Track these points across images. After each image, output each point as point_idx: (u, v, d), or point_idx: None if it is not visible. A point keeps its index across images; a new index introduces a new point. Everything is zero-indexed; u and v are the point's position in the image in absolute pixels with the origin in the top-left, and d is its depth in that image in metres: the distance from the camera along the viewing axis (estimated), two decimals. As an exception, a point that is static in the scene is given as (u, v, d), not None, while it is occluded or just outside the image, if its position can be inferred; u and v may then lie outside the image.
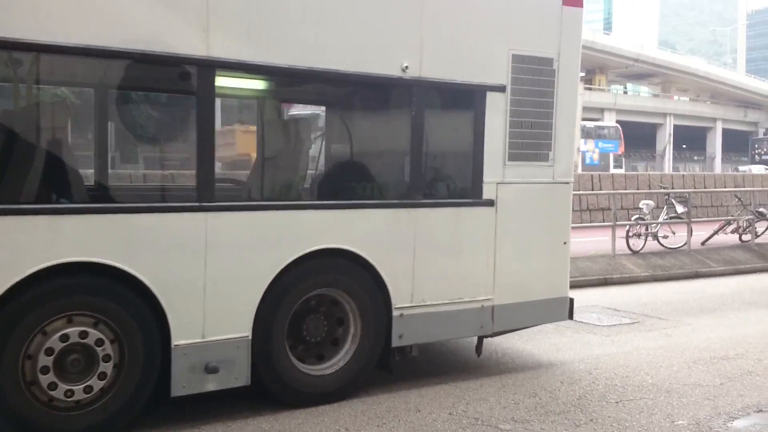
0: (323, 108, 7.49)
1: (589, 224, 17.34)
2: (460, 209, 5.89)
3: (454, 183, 6.14)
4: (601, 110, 60.23)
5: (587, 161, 45.15)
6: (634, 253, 13.15)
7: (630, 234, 13.55)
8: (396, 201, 5.76)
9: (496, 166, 5.90)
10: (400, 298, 5.57)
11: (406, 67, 5.44)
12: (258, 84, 6.32)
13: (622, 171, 43.34)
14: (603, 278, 11.60)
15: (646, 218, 14.20)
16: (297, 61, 5.07)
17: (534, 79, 6.01)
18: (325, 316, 5.45)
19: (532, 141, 6.05)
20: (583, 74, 68.63)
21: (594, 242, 13.71)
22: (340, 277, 5.39)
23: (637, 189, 20.09)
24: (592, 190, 19.55)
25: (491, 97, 5.83)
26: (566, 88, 6.19)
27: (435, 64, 5.58)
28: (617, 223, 13.24)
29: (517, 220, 6.06)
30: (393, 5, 5.47)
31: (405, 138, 5.65)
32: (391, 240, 5.53)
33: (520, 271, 6.13)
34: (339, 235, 5.32)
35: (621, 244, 13.05)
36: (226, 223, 4.89)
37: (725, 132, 75.24)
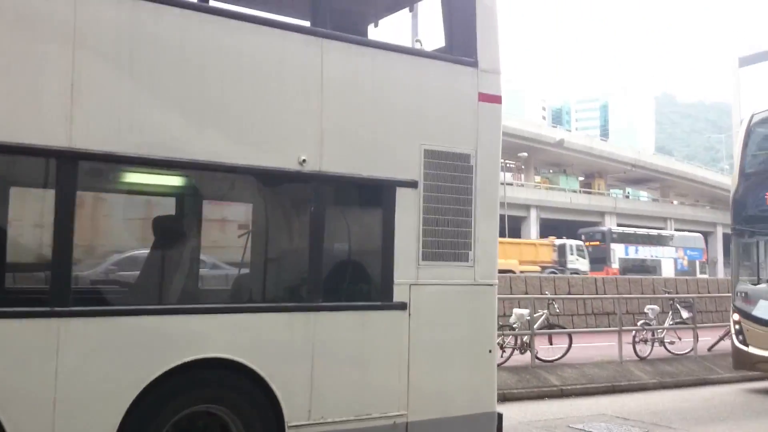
0: (209, 203, 6.75)
1: (595, 329, 17.19)
2: (368, 313, 5.37)
3: (360, 284, 5.69)
4: (602, 214, 60.86)
5: (678, 267, 48.89)
6: (642, 359, 12.96)
7: (636, 339, 13.40)
8: (290, 304, 5.23)
9: (408, 266, 5.46)
10: (295, 415, 4.91)
11: (304, 160, 5.12)
12: (133, 178, 5.57)
13: (706, 276, 45.35)
14: (611, 385, 11.43)
15: (651, 323, 14.10)
16: (175, 153, 4.72)
17: (449, 175, 5.69)
18: None
19: (448, 239, 5.64)
20: (582, 178, 69.96)
21: (600, 348, 13.56)
22: (222, 391, 4.78)
23: (642, 293, 20.01)
24: (596, 293, 19.51)
25: (401, 193, 5.49)
26: (486, 184, 5.86)
27: (337, 158, 5.30)
28: (623, 328, 13.14)
29: (434, 326, 5.55)
30: (289, 98, 5.21)
31: (303, 235, 5.28)
32: (285, 348, 4.95)
33: (439, 383, 5.53)
34: (221, 343, 4.74)
35: (627, 350, 12.91)
36: (81, 331, 4.31)
37: (726, 236, 75.67)
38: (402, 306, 5.41)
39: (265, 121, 5.10)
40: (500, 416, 5.88)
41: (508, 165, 55.90)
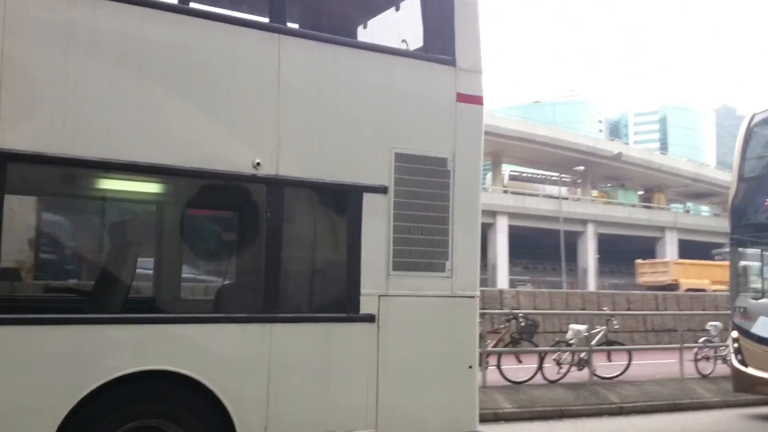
0: (154, 208, 6.35)
1: (655, 346, 16.82)
2: (331, 325, 5.04)
3: (324, 295, 5.45)
4: (662, 229, 59.40)
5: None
6: (704, 377, 12.64)
7: (698, 357, 13.06)
8: (243, 315, 4.92)
9: (377, 277, 5.14)
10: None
11: (258, 163, 4.85)
12: (69, 179, 5.36)
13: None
14: (672, 403, 11.18)
15: (714, 340, 13.73)
16: (111, 155, 4.45)
17: (424, 180, 5.35)
18: None
19: (423, 248, 5.30)
20: (641, 192, 68.54)
21: (660, 365, 13.27)
22: (168, 406, 4.51)
23: (704, 310, 19.51)
24: (657, 310, 19.10)
25: (369, 199, 5.17)
26: (465, 190, 5.49)
27: (296, 162, 5.01)
28: (684, 345, 12.84)
29: (406, 339, 5.20)
30: (242, 97, 4.93)
31: (259, 242, 5.01)
32: (237, 362, 4.66)
33: (411, 400, 5.18)
34: (165, 355, 4.47)
35: (689, 367, 12.60)
36: (4, 340, 4.08)
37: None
38: (370, 318, 5.09)
39: (214, 122, 4.81)
40: None
41: (563, 179, 55.12)
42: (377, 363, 5.07)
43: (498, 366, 11.44)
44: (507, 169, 60.77)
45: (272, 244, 4.89)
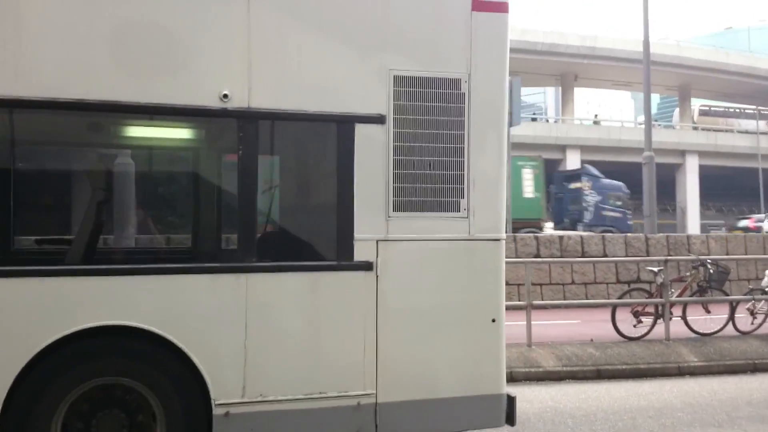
0: (112, 150, 5.81)
1: None
2: (319, 274, 4.54)
3: (311, 241, 4.93)
4: None
5: None
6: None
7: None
8: (216, 264, 4.56)
9: (374, 219, 4.59)
10: (224, 392, 4.28)
11: (225, 95, 4.34)
12: (19, 123, 4.88)
13: None
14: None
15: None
16: (59, 93, 4.08)
17: (431, 106, 4.69)
18: (127, 414, 4.29)
19: (432, 185, 4.69)
20: None
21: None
22: (132, 363, 4.21)
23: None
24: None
25: (363, 130, 4.58)
26: (485, 116, 4.77)
27: (272, 91, 4.46)
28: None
29: (413, 289, 4.66)
30: (203, 18, 4.36)
31: (231, 184, 4.54)
32: (210, 315, 4.29)
33: (420, 358, 4.66)
34: (126, 309, 4.16)
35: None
36: None
37: None
38: (366, 266, 4.56)
39: (170, 48, 4.30)
40: (512, 399, 4.89)
41: (760, 112, 50.06)
42: (376, 315, 4.56)
43: (683, 317, 10.74)
44: (696, 104, 56.26)
45: (246, 186, 4.42)
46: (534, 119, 56.91)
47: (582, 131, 47.75)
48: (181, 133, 5.11)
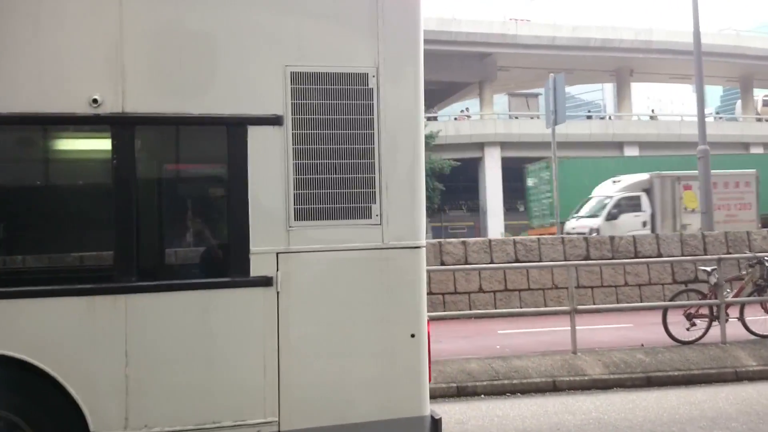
0: None
1: None
2: (211, 292, 4.15)
3: (201, 257, 4.52)
4: None
5: None
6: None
7: None
8: (91, 286, 4.06)
9: (273, 230, 4.20)
10: (104, 424, 3.93)
11: (95, 100, 3.98)
12: None
13: None
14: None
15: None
16: None
17: (336, 104, 4.29)
18: None
19: (338, 191, 4.30)
20: None
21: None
22: (5, 394, 3.91)
23: None
24: None
25: (257, 133, 4.18)
26: (398, 112, 4.37)
27: (149, 94, 4.08)
28: None
29: (319, 305, 4.26)
30: (70, 16, 4.02)
31: (106, 198, 4.16)
32: (85, 341, 3.94)
33: (328, 379, 4.25)
34: None
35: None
36: None
37: None
38: (264, 281, 4.18)
39: (33, 51, 3.96)
40: (436, 421, 4.46)
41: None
42: (277, 335, 4.17)
43: (741, 318, 10.15)
44: (759, 95, 54.08)
45: (123, 199, 4.05)
46: (589, 117, 55.73)
47: (640, 127, 46.47)
48: (50, 143, 4.68)
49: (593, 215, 22.77)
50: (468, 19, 42.62)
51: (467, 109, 51.14)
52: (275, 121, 4.23)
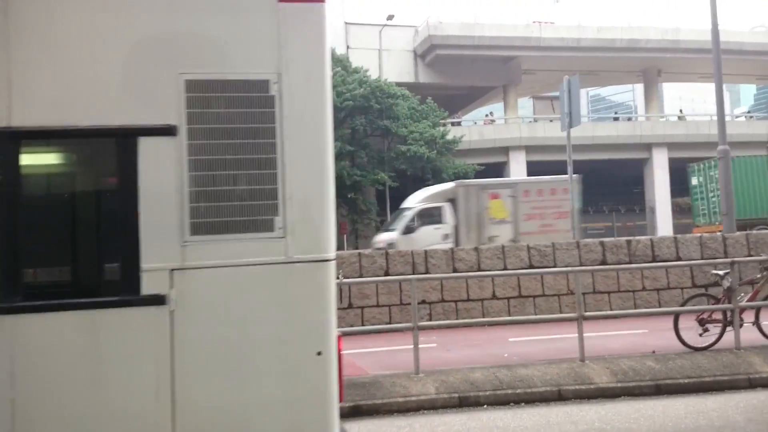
0: None
1: None
2: (99, 313, 3.95)
3: (89, 274, 4.31)
4: None
5: None
6: None
7: None
8: None
9: (167, 245, 4.00)
10: None
11: None
12: None
13: None
14: None
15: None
16: None
17: (235, 113, 4.12)
18: None
19: (238, 203, 4.12)
20: None
21: None
22: None
23: None
24: None
25: (149, 144, 4.00)
26: (302, 119, 4.22)
27: (37, 107, 3.94)
28: None
29: (218, 324, 4.05)
30: None
31: None
32: None
33: (228, 402, 4.05)
34: None
35: None
36: None
37: None
38: (156, 300, 3.98)
39: None
40: None
41: None
42: (171, 356, 3.97)
43: (756, 323, 9.85)
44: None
45: (7, 215, 3.91)
46: (616, 118, 54.99)
47: (668, 128, 45.65)
48: None
49: (393, 228, 21.35)
50: (491, 23, 42.33)
51: (491, 113, 50.82)
52: (169, 131, 4.04)
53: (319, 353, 4.15)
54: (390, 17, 39.91)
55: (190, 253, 4.04)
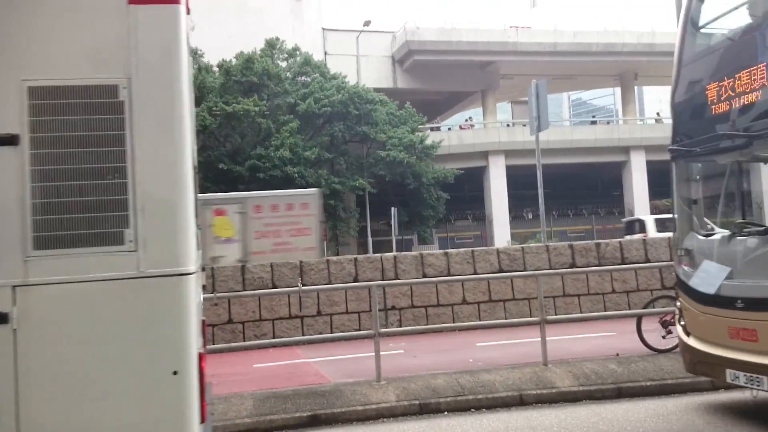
0: None
1: None
2: None
3: None
4: None
5: None
6: None
7: None
8: None
9: (9, 260, 3.83)
10: None
11: None
12: None
13: None
14: None
15: None
16: None
17: (81, 120, 3.93)
18: None
19: (85, 215, 3.92)
20: None
21: None
22: None
23: None
24: None
25: None
26: (155, 127, 4.01)
27: None
28: None
29: (66, 342, 3.88)
30: None
31: None
32: None
33: (76, 426, 3.86)
34: None
35: None
36: None
37: None
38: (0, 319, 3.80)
39: None
40: None
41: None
42: (15, 378, 3.78)
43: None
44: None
45: None
46: (594, 122, 55.28)
47: (646, 131, 45.97)
48: None
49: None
50: (468, 28, 42.47)
51: (471, 118, 50.92)
52: (10, 140, 3.87)
53: (175, 373, 3.94)
54: (367, 23, 39.88)
55: (35, 269, 3.87)
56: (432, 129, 41.55)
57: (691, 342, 7.27)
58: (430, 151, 34.68)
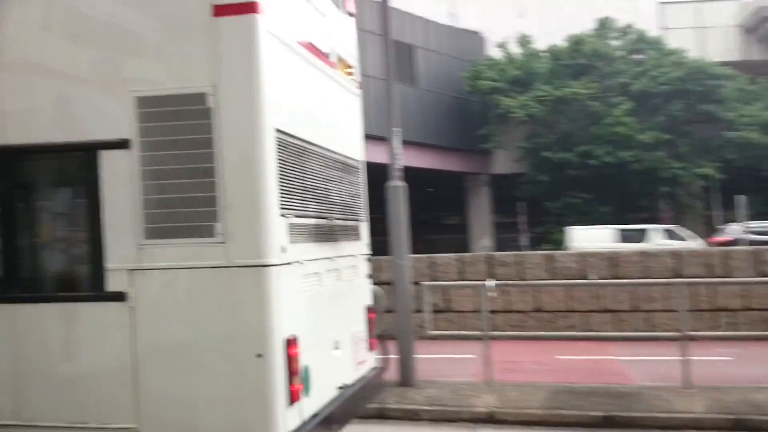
0: None
1: None
2: (74, 305, 4.53)
3: (66, 272, 4.79)
4: None
5: None
6: None
7: None
8: None
9: (126, 248, 4.39)
10: None
11: None
12: None
13: None
14: None
15: None
16: None
17: (179, 126, 4.33)
18: None
19: (184, 210, 4.34)
20: None
21: None
22: None
23: None
24: None
25: (107, 157, 4.42)
26: (238, 131, 4.31)
27: (7, 127, 4.55)
28: None
29: (169, 321, 4.38)
30: None
31: None
32: None
33: (180, 393, 4.35)
34: None
35: None
36: None
37: None
38: (118, 296, 4.40)
39: None
40: None
41: None
42: (135, 348, 4.40)
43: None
44: None
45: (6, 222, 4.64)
46: None
47: None
48: None
49: None
50: None
51: None
52: (123, 144, 4.42)
53: (259, 355, 4.27)
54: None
55: (146, 256, 4.42)
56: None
57: None
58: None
